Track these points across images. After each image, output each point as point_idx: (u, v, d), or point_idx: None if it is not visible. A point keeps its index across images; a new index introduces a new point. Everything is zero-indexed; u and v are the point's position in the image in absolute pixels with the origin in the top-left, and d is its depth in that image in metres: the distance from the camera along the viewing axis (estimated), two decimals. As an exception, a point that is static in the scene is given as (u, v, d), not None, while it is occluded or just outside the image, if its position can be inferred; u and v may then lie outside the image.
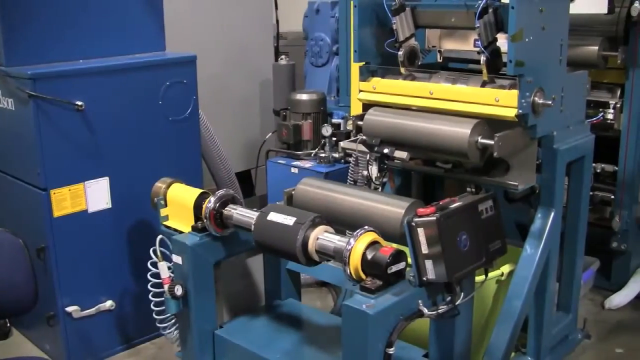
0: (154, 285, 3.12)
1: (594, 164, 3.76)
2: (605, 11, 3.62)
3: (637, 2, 3.64)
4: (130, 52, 3.78)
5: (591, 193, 3.78)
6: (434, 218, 2.39)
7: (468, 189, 3.10)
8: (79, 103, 3.38)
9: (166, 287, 2.99)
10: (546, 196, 3.06)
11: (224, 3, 5.33)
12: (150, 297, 3.11)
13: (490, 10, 2.86)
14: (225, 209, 2.98)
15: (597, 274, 4.24)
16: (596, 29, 3.82)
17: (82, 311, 3.54)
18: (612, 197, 4.04)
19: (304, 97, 4.58)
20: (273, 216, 2.72)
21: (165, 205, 3.21)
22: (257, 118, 5.72)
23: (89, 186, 3.49)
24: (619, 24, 3.75)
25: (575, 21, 3.14)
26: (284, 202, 3.13)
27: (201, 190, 3.12)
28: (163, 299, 3.05)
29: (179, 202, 3.15)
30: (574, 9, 3.19)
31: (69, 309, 3.50)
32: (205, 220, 2.99)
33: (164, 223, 3.20)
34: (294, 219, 2.64)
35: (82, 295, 3.55)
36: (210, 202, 2.98)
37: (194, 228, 3.05)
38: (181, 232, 3.09)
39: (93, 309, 3.59)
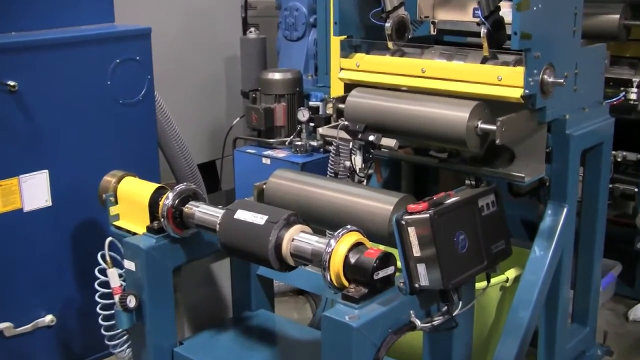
0: (103, 296, 3.12)
1: (613, 152, 3.81)
2: (628, -28, 3.66)
3: (666, -40, 3.67)
4: (73, 23, 3.78)
5: (610, 186, 3.84)
6: (427, 215, 2.42)
7: (467, 182, 3.12)
8: (12, 83, 3.38)
9: (117, 297, 3.00)
10: (557, 190, 3.10)
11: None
12: (98, 309, 3.11)
13: (492, -26, 2.89)
14: (186, 206, 3.00)
15: (619, 279, 4.29)
16: (617, -7, 3.87)
17: (16, 328, 3.54)
18: (636, 189, 4.10)
19: (276, 76, 4.60)
20: (241, 214, 2.73)
21: (116, 203, 3.22)
22: (223, 101, 5.74)
23: (25, 181, 3.50)
24: (644, -12, 3.80)
25: (591, -14, 3.19)
26: (253, 198, 3.15)
27: (158, 185, 3.13)
28: (113, 311, 3.06)
29: (132, 199, 3.16)
30: (591, -29, 3.22)
31: (1, 325, 3.50)
32: (162, 220, 3.00)
33: (114, 223, 3.21)
34: (266, 217, 2.66)
35: (16, 309, 3.55)
36: (169, 199, 2.99)
37: (149, 229, 3.06)
38: (134, 234, 3.10)
39: (29, 325, 3.59)
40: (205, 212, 2.94)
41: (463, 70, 2.99)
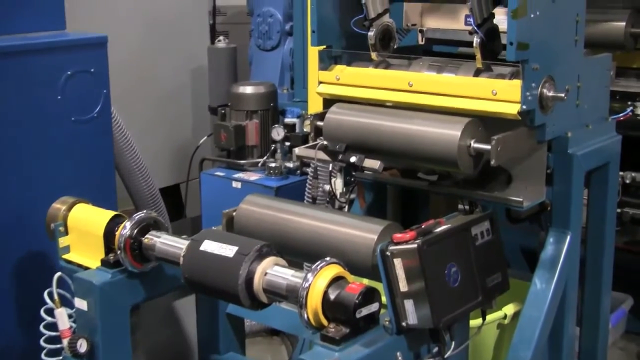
0: (49, 340, 3.09)
1: (621, 173, 3.84)
2: (634, -24, 3.71)
3: (677, -39, 3.72)
4: (17, 30, 3.77)
5: (619, 210, 3.86)
6: (415, 245, 2.43)
7: (460, 207, 3.13)
8: (-51, 98, 3.37)
9: (65, 342, 2.97)
10: (560, 215, 3.11)
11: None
12: (43, 356, 3.08)
13: (486, -23, 2.92)
14: (146, 236, 2.99)
15: (630, 314, 4.29)
16: (623, -1, 3.92)
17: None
18: (646, 214, 4.13)
19: (248, 90, 4.62)
20: (208, 245, 2.73)
21: (66, 233, 3.20)
22: (189, 117, 5.74)
23: (-38, 208, 3.49)
24: (654, -8, 3.85)
25: (595, -10, 3.23)
26: (222, 227, 3.14)
27: (114, 213, 3.12)
28: (61, 357, 3.03)
29: (84, 229, 3.15)
30: (594, -26, 3.25)
31: None
32: (119, 252, 2.98)
33: (64, 256, 3.19)
34: (235, 248, 2.66)
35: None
36: (126, 228, 2.98)
37: (103, 262, 3.04)
38: (87, 268, 3.08)
39: (-36, 374, 3.56)
40: (168, 243, 2.93)
41: (454, 83, 3.01)
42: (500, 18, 2.94)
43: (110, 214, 3.12)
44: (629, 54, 3.95)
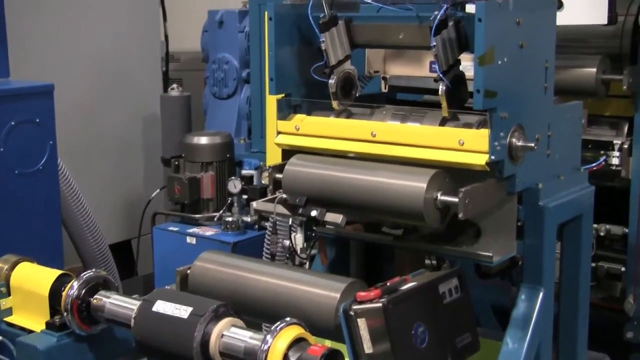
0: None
1: (595, 225, 3.87)
2: (605, 21, 3.75)
3: (647, 7, 3.80)
4: (-42, 80, 3.78)
5: (593, 264, 3.89)
6: (380, 304, 2.43)
7: (427, 262, 3.15)
8: None
9: (8, 411, 2.94)
10: (531, 270, 3.13)
11: (92, 13, 5.35)
12: None
13: (451, 23, 2.96)
14: (95, 297, 2.97)
15: (607, 375, 4.31)
16: (593, 44, 3.98)
17: None
18: (623, 269, 4.14)
19: (203, 140, 4.63)
20: (161, 306, 2.72)
21: (9, 294, 3.17)
22: (140, 169, 5.73)
23: None
24: (624, 38, 3.92)
25: (564, 35, 3.27)
26: (176, 286, 3.13)
27: (60, 272, 3.10)
28: None
29: (28, 289, 3.12)
30: (563, 19, 3.31)
31: None
32: (65, 314, 2.96)
33: (6, 319, 3.16)
34: (190, 309, 2.65)
35: None
36: (73, 288, 2.96)
37: (48, 325, 3.02)
38: (30, 332, 3.05)
39: None
40: (118, 303, 2.91)
41: (419, 133, 3.03)
42: (467, 64, 2.98)
43: (56, 273, 3.10)
44: (601, 101, 4.00)
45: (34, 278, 3.14)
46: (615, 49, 3.94)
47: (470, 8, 2.89)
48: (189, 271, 3.13)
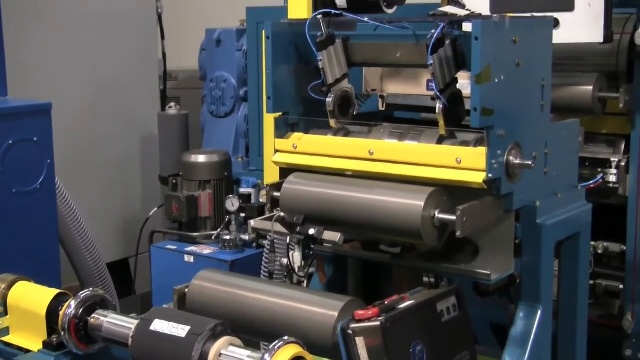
0: None
1: (593, 243, 3.88)
2: (601, 39, 3.77)
3: (642, 26, 3.81)
4: (-45, 98, 3.78)
5: (591, 282, 3.88)
6: (378, 323, 2.43)
7: (425, 280, 3.15)
8: None
9: None
10: (529, 288, 3.12)
11: (90, 31, 5.37)
12: None
13: (448, 41, 2.96)
14: (92, 315, 2.95)
15: (606, 393, 4.30)
16: (590, 62, 4.00)
17: None
18: (621, 286, 4.14)
19: (200, 158, 4.64)
20: (159, 325, 2.71)
21: (6, 314, 3.16)
22: (138, 188, 5.73)
23: None
24: (620, 56, 3.93)
25: (561, 54, 3.28)
26: (173, 305, 3.12)
27: (58, 291, 3.09)
28: None
29: (25, 309, 3.11)
30: (559, 37, 3.32)
31: None
32: (63, 333, 2.95)
33: (3, 339, 3.14)
34: (188, 328, 2.64)
35: None
36: (71, 308, 2.95)
37: (46, 344, 3.00)
38: (28, 351, 3.04)
39: None
40: (116, 322, 2.90)
41: (417, 151, 3.04)
42: (464, 83, 2.99)
43: (54, 292, 3.09)
44: (598, 118, 4.01)
45: (31, 297, 3.13)
46: (612, 67, 3.95)
47: (466, 26, 2.91)
48: (186, 290, 3.12)
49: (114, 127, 5.55)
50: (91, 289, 3.05)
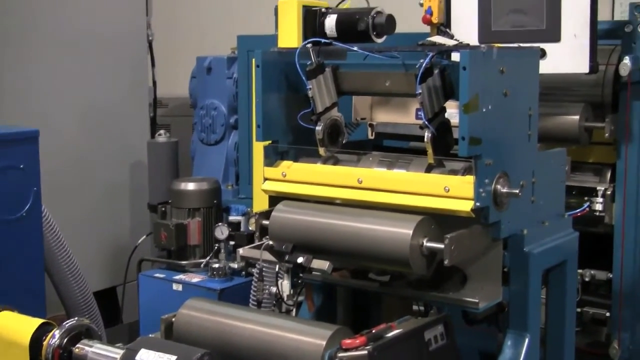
0: None
1: (580, 271, 3.87)
2: (587, 70, 3.79)
3: (627, 57, 3.82)
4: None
5: (579, 310, 3.88)
6: (365, 352, 2.42)
7: (414, 308, 3.14)
8: None
9: None
10: (517, 316, 3.12)
11: (80, 58, 5.37)
12: None
13: (436, 71, 2.98)
14: (77, 345, 2.93)
15: (594, 422, 4.28)
16: (576, 92, 4.01)
17: None
18: (608, 314, 4.13)
19: (190, 186, 4.62)
20: (144, 355, 2.69)
21: (-10, 343, 3.14)
22: (126, 215, 5.71)
23: None
24: (605, 87, 3.95)
25: (548, 83, 3.30)
26: (160, 334, 3.10)
27: (42, 321, 3.06)
28: None
29: (8, 339, 3.07)
30: (546, 67, 3.34)
31: None
32: (47, 364, 2.93)
33: (-13, 369, 3.12)
34: (174, 358, 2.62)
35: None
36: (55, 337, 2.92)
37: (31, 375, 2.98)
38: (13, 382, 3.02)
39: None
40: (101, 352, 2.87)
41: (405, 180, 3.04)
42: (452, 112, 2.99)
43: (38, 321, 3.05)
44: (584, 148, 4.02)
45: (15, 327, 3.09)
46: (597, 97, 3.97)
47: (455, 56, 2.92)
48: (173, 319, 3.10)
49: (103, 154, 5.53)
50: (76, 318, 3.03)
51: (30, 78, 5.04)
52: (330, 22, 3.35)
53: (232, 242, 4.37)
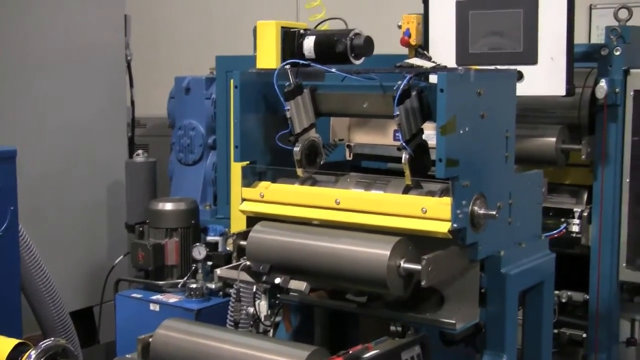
0: None
1: (556, 292, 3.89)
2: (563, 92, 3.83)
3: (603, 80, 3.86)
4: None
5: (555, 331, 3.89)
6: (343, 372, 2.42)
7: (392, 328, 3.14)
8: None
9: None
10: (494, 337, 3.12)
11: (58, 78, 5.36)
12: None
13: (414, 93, 2.99)
14: (54, 366, 2.92)
15: None
16: (552, 114, 4.04)
17: None
18: (584, 335, 4.15)
19: (168, 206, 4.61)
20: (122, 375, 2.68)
21: (-36, 364, 3.12)
22: (104, 235, 5.68)
23: None
24: (582, 109, 3.98)
25: (525, 105, 3.33)
26: (137, 354, 3.09)
27: (18, 341, 3.04)
28: None
29: (-14, 359, 3.07)
30: (523, 90, 3.36)
31: None
32: (23, 384, 2.91)
33: (-40, 391, 3.10)
34: (151, 378, 2.62)
35: None
36: (31, 357, 2.91)
37: (6, 396, 2.96)
38: (-13, 404, 2.99)
39: None
40: (78, 372, 2.87)
41: (383, 201, 3.05)
42: (429, 133, 3.01)
43: (13, 342, 3.04)
44: (561, 169, 4.04)
45: (-9, 347, 3.08)
46: (574, 120, 4.00)
47: (432, 78, 2.93)
48: (150, 339, 3.09)
49: (80, 174, 5.51)
50: (53, 338, 3.02)
51: (8, 97, 5.03)
52: (308, 43, 3.36)
53: (209, 263, 4.37)
